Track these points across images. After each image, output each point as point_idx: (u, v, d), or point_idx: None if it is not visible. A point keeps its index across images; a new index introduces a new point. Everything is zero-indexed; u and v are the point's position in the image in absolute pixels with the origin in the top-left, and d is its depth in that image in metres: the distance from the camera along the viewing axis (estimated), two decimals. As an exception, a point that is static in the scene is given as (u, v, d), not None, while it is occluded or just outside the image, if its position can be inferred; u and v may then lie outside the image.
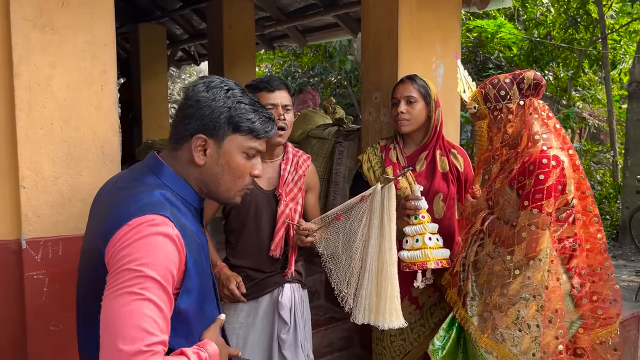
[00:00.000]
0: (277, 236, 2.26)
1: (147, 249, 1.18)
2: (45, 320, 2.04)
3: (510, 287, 2.10)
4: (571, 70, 10.29)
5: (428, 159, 2.64)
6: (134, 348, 1.11)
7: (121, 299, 1.14)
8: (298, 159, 2.36)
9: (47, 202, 2.03)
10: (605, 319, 2.22)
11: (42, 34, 1.97)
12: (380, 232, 2.19)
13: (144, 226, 1.20)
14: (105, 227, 1.24)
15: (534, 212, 2.02)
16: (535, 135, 2.12)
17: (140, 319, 1.13)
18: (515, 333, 2.10)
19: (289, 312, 2.29)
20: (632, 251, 7.23)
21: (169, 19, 7.58)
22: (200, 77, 1.41)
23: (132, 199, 1.27)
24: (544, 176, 2.02)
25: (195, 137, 1.33)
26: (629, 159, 7.52)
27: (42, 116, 1.99)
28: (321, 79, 12.34)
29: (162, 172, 1.36)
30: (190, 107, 1.35)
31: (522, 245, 2.05)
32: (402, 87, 2.63)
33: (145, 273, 1.16)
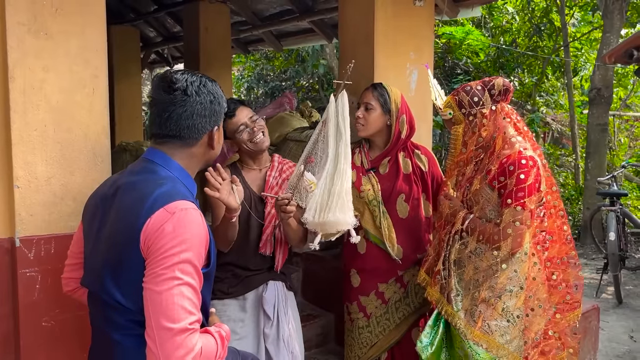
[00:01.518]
0: (264, 234, 2.38)
1: (185, 234, 1.33)
2: (38, 316, 2.10)
3: (498, 280, 2.23)
4: (535, 77, 10.64)
5: (391, 162, 2.78)
6: (179, 326, 1.28)
7: (165, 283, 1.29)
8: (283, 166, 2.52)
9: (40, 201, 2.09)
10: (572, 303, 2.41)
11: (36, 38, 2.04)
12: (337, 133, 2.36)
13: (180, 211, 1.35)
14: (138, 214, 1.36)
15: (517, 209, 2.17)
16: (511, 138, 2.28)
17: (182, 301, 1.29)
18: (502, 323, 2.25)
19: (272, 307, 2.40)
20: (592, 250, 7.53)
21: (143, 22, 7.57)
22: (177, 77, 1.50)
23: (158, 188, 1.40)
24: (525, 175, 2.17)
25: (214, 130, 1.54)
26: (589, 162, 7.83)
27: (35, 118, 2.06)
28: (293, 82, 12.42)
29: (171, 165, 1.49)
30: (202, 107, 1.50)
31: (508, 240, 2.19)
32: (364, 93, 2.78)
33: (184, 258, 1.31)
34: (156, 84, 1.51)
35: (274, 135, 4.52)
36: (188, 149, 1.52)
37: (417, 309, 2.81)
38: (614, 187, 5.92)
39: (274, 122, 4.64)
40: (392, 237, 2.71)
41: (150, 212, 1.35)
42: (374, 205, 2.71)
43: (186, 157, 1.52)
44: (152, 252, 1.33)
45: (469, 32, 10.20)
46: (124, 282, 1.40)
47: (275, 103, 4.85)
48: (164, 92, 1.48)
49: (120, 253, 1.40)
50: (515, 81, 10.68)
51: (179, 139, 1.50)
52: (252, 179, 2.48)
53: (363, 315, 2.81)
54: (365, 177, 2.75)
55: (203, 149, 1.55)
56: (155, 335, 1.29)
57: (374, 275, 2.78)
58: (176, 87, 1.47)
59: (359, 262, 2.78)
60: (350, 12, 3.54)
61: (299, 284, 4.05)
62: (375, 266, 2.76)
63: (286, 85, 12.45)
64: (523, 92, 10.97)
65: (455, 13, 4.30)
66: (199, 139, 1.52)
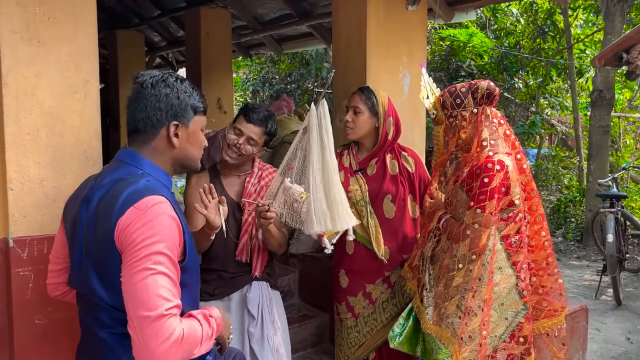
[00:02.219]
0: (240, 242, 2.44)
1: (155, 227, 1.39)
2: (31, 314, 2.16)
3: (455, 278, 2.27)
4: (540, 78, 10.63)
5: (378, 164, 2.83)
6: (155, 313, 1.33)
7: (139, 274, 1.35)
8: (262, 172, 2.55)
9: (33, 203, 2.15)
10: (549, 310, 2.41)
11: (28, 46, 2.11)
12: (321, 145, 2.38)
13: (149, 206, 1.41)
14: (111, 214, 1.42)
15: (477, 211, 2.21)
16: (483, 142, 2.30)
17: (157, 289, 1.34)
18: (457, 320, 2.29)
19: (256, 307, 2.44)
20: (594, 252, 7.52)
21: (147, 26, 7.67)
22: (143, 73, 1.56)
23: (130, 186, 1.45)
24: (488, 179, 2.20)
25: (171, 125, 1.55)
26: (592, 164, 7.81)
27: (28, 123, 2.13)
28: (298, 85, 12.48)
29: (142, 162, 1.54)
30: (156, 99, 1.53)
31: (466, 241, 2.23)
32: (353, 97, 2.83)
33: (156, 249, 1.37)
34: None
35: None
36: (149, 143, 1.56)
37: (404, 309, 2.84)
38: (613, 189, 5.91)
39: (272, 125, 4.70)
40: (379, 238, 2.76)
41: (121, 212, 1.40)
42: (361, 205, 2.76)
43: (151, 152, 1.56)
44: (125, 247, 1.39)
45: (473, 34, 10.21)
46: (107, 282, 1.45)
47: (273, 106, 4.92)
48: (132, 89, 1.55)
49: (101, 254, 1.45)
50: (519, 83, 10.67)
51: (138, 133, 1.55)
52: (230, 185, 2.50)
53: (351, 316, 2.86)
54: (353, 178, 2.81)
55: (163, 143, 1.57)
56: (135, 325, 1.34)
57: (361, 276, 2.84)
58: (137, 81, 1.53)
59: (347, 263, 2.84)
60: (343, 17, 3.59)
61: (295, 285, 4.10)
62: (363, 267, 2.81)
63: (291, 88, 12.52)
64: (527, 94, 10.95)
65: (450, 17, 4.34)
66: (156, 132, 1.55)
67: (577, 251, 7.86)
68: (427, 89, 2.54)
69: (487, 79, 2.42)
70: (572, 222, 8.77)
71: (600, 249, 6.96)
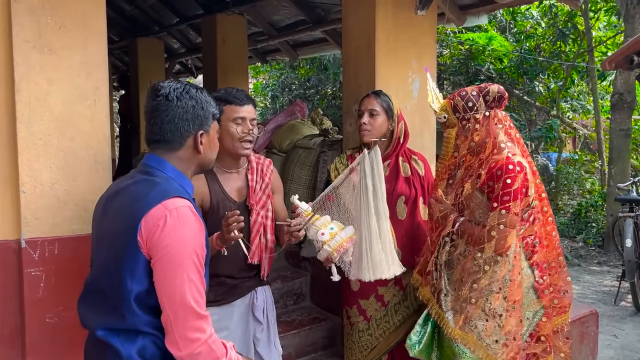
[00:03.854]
0: (253, 244, 2.33)
1: (186, 232, 1.46)
2: (42, 313, 2.24)
3: (480, 281, 2.29)
4: (560, 82, 10.49)
5: (391, 166, 2.86)
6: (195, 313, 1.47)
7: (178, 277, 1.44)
8: (262, 167, 2.43)
9: (44, 205, 2.23)
10: (560, 307, 2.44)
11: (40, 54, 2.19)
12: (374, 193, 2.38)
13: (177, 209, 1.47)
14: (137, 209, 1.47)
15: (502, 212, 2.23)
16: (500, 144, 2.33)
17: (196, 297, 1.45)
18: (483, 322, 2.30)
19: (262, 312, 2.42)
20: (615, 258, 7.39)
21: (167, 34, 7.80)
22: (163, 85, 1.60)
23: (155, 186, 1.52)
24: (511, 180, 2.22)
25: (199, 134, 1.62)
26: (612, 168, 7.69)
27: (40, 128, 2.21)
28: (317, 90, 12.53)
29: (166, 167, 1.60)
30: (183, 111, 1.59)
31: (491, 242, 2.24)
32: (367, 100, 2.85)
33: (190, 249, 1.45)
34: (147, 94, 1.63)
35: (284, 142, 4.63)
36: (175, 153, 1.61)
37: (416, 311, 2.85)
38: (633, 193, 5.82)
39: (286, 129, 4.75)
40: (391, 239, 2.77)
41: (148, 207, 1.45)
42: None
43: (176, 160, 1.62)
44: (159, 251, 1.44)
45: (492, 38, 10.14)
46: (124, 278, 1.47)
47: (286, 111, 4.96)
48: (151, 100, 1.59)
49: (120, 250, 1.49)
50: (540, 86, 10.55)
51: (165, 143, 1.60)
52: (232, 185, 2.35)
53: (363, 319, 2.87)
54: None
55: (190, 152, 1.63)
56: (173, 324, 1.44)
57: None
58: (159, 93, 1.57)
59: (360, 266, 2.85)
60: (353, 22, 3.62)
61: (307, 288, 4.12)
62: None
63: (310, 94, 12.57)
64: (548, 98, 10.82)
65: (462, 21, 4.32)
66: (183, 142, 1.61)
67: (598, 256, 7.73)
68: (432, 94, 2.57)
69: (497, 83, 2.44)
70: (593, 227, 8.62)
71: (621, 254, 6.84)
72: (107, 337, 1.50)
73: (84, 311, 1.60)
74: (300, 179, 4.23)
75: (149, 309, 1.48)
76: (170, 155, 1.61)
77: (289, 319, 3.73)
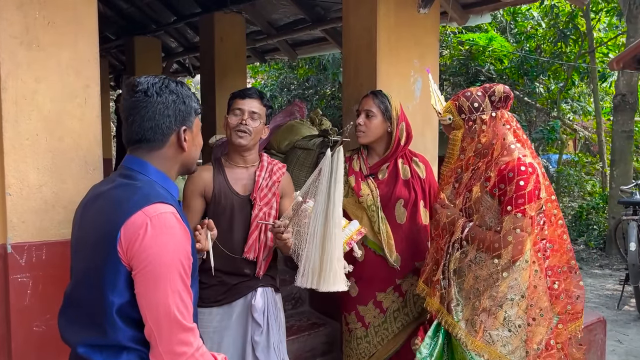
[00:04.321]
0: (250, 238, 2.34)
1: (168, 241, 1.36)
2: (29, 320, 2.15)
3: (499, 289, 2.19)
4: (561, 83, 10.43)
5: (390, 168, 2.77)
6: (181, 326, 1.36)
7: (162, 287, 1.33)
8: (273, 167, 2.46)
9: (31, 208, 2.14)
10: (573, 314, 2.35)
11: (28, 50, 2.10)
12: (327, 195, 2.23)
13: (159, 216, 1.37)
14: (116, 217, 1.37)
15: (518, 216, 2.13)
16: (510, 145, 2.24)
17: (180, 308, 1.35)
18: (504, 333, 2.20)
19: (262, 314, 2.36)
20: (618, 261, 7.32)
21: (164, 32, 7.72)
22: (140, 80, 1.49)
23: (136, 190, 1.41)
24: (524, 182, 2.13)
25: (181, 130, 1.51)
26: (614, 170, 7.62)
27: (27, 127, 2.12)
28: (316, 90, 12.46)
29: (148, 169, 1.49)
30: (164, 106, 1.48)
31: (508, 248, 2.15)
32: (365, 101, 2.77)
33: (175, 266, 1.35)
34: (124, 90, 1.52)
35: (283, 142, 4.55)
36: (157, 152, 1.51)
37: (416, 319, 2.78)
38: (636, 195, 5.75)
39: (285, 130, 4.67)
40: (390, 244, 2.70)
41: (128, 215, 1.35)
42: (372, 210, 2.70)
43: (159, 160, 1.52)
44: (140, 262, 1.34)
45: (493, 39, 10.07)
46: (105, 290, 1.38)
47: (285, 111, 4.88)
48: (129, 97, 1.49)
49: (100, 260, 1.39)
50: (540, 87, 10.49)
51: (146, 142, 1.49)
52: (238, 178, 2.39)
53: (361, 325, 2.79)
54: (364, 182, 2.75)
55: (173, 150, 1.53)
56: (156, 337, 1.34)
57: (372, 284, 2.77)
58: (138, 89, 1.47)
59: (357, 271, 2.75)
60: (354, 20, 3.55)
61: (306, 293, 4.04)
62: (374, 274, 2.74)
63: (309, 94, 12.50)
64: (548, 99, 10.76)
65: (464, 20, 4.25)
66: (165, 140, 1.50)
67: (600, 259, 7.66)
68: (434, 95, 2.50)
69: (501, 83, 2.36)
70: (594, 230, 8.55)
71: (624, 258, 6.77)
72: (88, 354, 1.40)
73: (63, 326, 1.50)
74: (299, 180, 4.14)
75: (133, 322, 1.37)
76: (152, 155, 1.51)
77: (288, 324, 3.59)
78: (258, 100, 2.36)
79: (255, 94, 2.37)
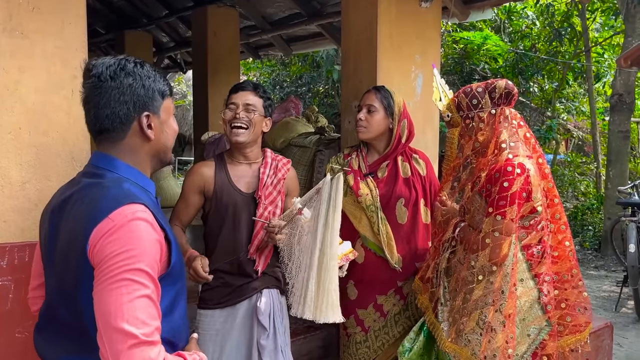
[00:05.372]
0: (256, 239, 2.26)
1: (132, 241, 1.20)
2: (11, 327, 2.02)
3: (474, 292, 2.12)
4: (556, 83, 10.40)
5: (389, 166, 2.68)
6: (133, 341, 1.14)
7: (113, 293, 1.16)
8: (277, 163, 2.37)
9: (13, 207, 2.01)
10: (574, 326, 2.24)
11: (11, 38, 1.97)
12: (325, 224, 2.16)
13: (126, 217, 1.22)
14: (83, 224, 1.23)
15: (497, 218, 2.05)
16: (502, 144, 2.15)
17: (135, 312, 1.16)
18: (477, 337, 2.12)
19: (267, 317, 2.27)
20: (613, 262, 7.29)
21: (155, 27, 7.56)
22: (95, 63, 1.34)
23: (103, 193, 1.27)
24: (508, 183, 2.05)
25: (142, 117, 1.35)
26: (610, 170, 7.58)
27: (10, 121, 1.99)
28: (309, 88, 12.36)
29: (116, 165, 1.35)
30: (119, 92, 1.33)
31: (486, 251, 2.07)
32: (367, 96, 2.68)
33: (133, 267, 1.18)
34: (82, 75, 1.36)
35: (278, 140, 4.43)
36: (121, 143, 1.36)
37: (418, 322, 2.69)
38: (635, 196, 5.69)
39: (279, 127, 4.56)
40: (391, 245, 2.61)
41: (94, 224, 1.22)
42: (371, 210, 2.62)
43: (125, 152, 1.37)
44: (98, 262, 1.20)
45: (487, 37, 10.02)
46: (83, 307, 1.25)
47: (280, 108, 4.76)
48: (84, 82, 1.34)
49: (72, 277, 1.27)
50: (534, 87, 10.45)
51: (106, 133, 1.35)
52: (240, 175, 2.31)
53: (361, 330, 2.71)
54: (363, 181, 2.67)
55: (137, 140, 1.37)
56: (107, 349, 1.16)
57: (372, 287, 2.68)
58: (91, 74, 1.32)
59: (357, 273, 2.66)
60: (353, 14, 3.45)
61: (301, 294, 3.94)
62: (374, 276, 2.66)
63: (302, 91, 12.40)
64: (543, 99, 10.73)
65: (465, 16, 4.16)
66: (126, 129, 1.35)
67: (595, 260, 7.62)
68: (439, 91, 2.40)
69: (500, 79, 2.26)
70: (589, 230, 8.52)
71: (620, 259, 6.73)
72: None
73: (41, 345, 1.37)
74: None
75: None
76: (117, 148, 1.36)
77: (282, 328, 3.54)
78: (252, 91, 2.28)
79: (248, 86, 2.30)
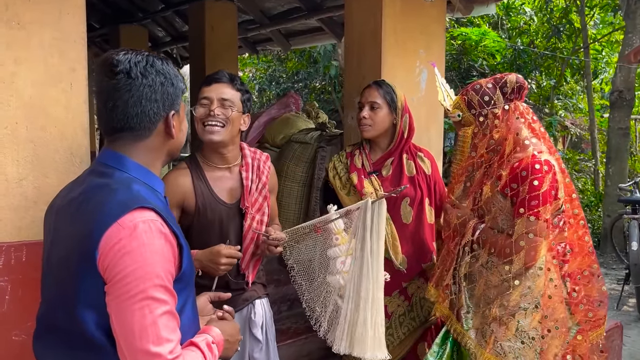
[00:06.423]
0: (247, 254, 2.10)
1: (148, 254, 1.16)
2: (7, 329, 1.94)
3: (511, 297, 2.04)
4: (554, 79, 10.37)
5: (394, 164, 2.62)
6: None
7: (139, 316, 1.14)
8: (258, 163, 2.18)
9: (10, 205, 1.94)
10: (595, 321, 2.19)
11: (7, 29, 1.89)
12: (370, 252, 2.09)
13: (137, 226, 1.16)
14: (90, 228, 1.18)
15: (530, 219, 1.98)
16: (524, 140, 2.08)
17: (158, 330, 1.15)
18: (516, 345, 2.05)
19: (260, 329, 2.18)
20: (613, 259, 7.26)
21: (151, 21, 7.46)
22: (119, 59, 1.27)
23: (112, 197, 1.20)
24: (538, 182, 1.98)
25: (170, 116, 1.32)
26: (610, 167, 7.56)
27: (5, 115, 1.91)
28: (305, 84, 12.27)
29: (126, 164, 1.29)
30: (151, 90, 1.28)
31: (520, 254, 1.99)
32: (368, 92, 2.60)
33: (153, 283, 1.15)
34: (98, 69, 1.29)
35: (278, 136, 4.38)
36: (143, 142, 1.30)
37: (423, 323, 2.65)
38: (636, 193, 5.66)
39: (279, 123, 4.51)
40: (395, 245, 2.55)
41: (103, 229, 1.15)
42: None
43: (143, 152, 1.31)
44: (112, 278, 1.15)
45: (485, 34, 9.98)
46: (84, 316, 1.20)
47: (280, 103, 4.70)
48: (106, 78, 1.26)
49: (74, 283, 1.20)
50: (532, 84, 10.42)
51: (129, 131, 1.29)
52: (221, 183, 2.09)
53: None
54: (367, 180, 2.60)
55: (161, 139, 1.33)
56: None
57: None
58: (118, 70, 1.25)
59: (360, 273, 2.60)
60: (357, 9, 3.38)
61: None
62: None
63: (298, 87, 12.31)
64: (541, 95, 10.70)
65: (469, 10, 4.10)
66: (152, 128, 1.30)
67: (594, 258, 7.59)
68: (442, 90, 2.34)
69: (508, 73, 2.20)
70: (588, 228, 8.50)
71: (620, 257, 6.71)
72: None
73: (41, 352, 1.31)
74: (296, 175, 3.98)
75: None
76: (134, 147, 1.30)
77: (283, 327, 3.50)
78: (228, 84, 2.04)
79: (224, 77, 2.05)
